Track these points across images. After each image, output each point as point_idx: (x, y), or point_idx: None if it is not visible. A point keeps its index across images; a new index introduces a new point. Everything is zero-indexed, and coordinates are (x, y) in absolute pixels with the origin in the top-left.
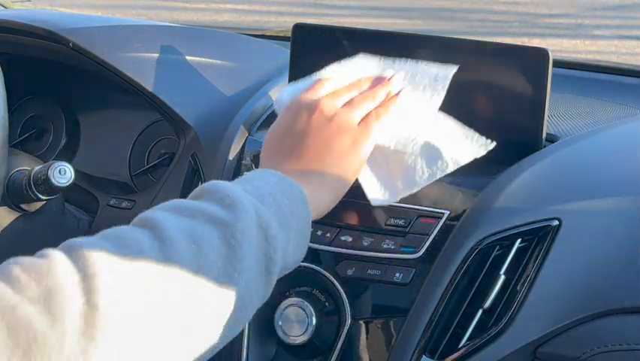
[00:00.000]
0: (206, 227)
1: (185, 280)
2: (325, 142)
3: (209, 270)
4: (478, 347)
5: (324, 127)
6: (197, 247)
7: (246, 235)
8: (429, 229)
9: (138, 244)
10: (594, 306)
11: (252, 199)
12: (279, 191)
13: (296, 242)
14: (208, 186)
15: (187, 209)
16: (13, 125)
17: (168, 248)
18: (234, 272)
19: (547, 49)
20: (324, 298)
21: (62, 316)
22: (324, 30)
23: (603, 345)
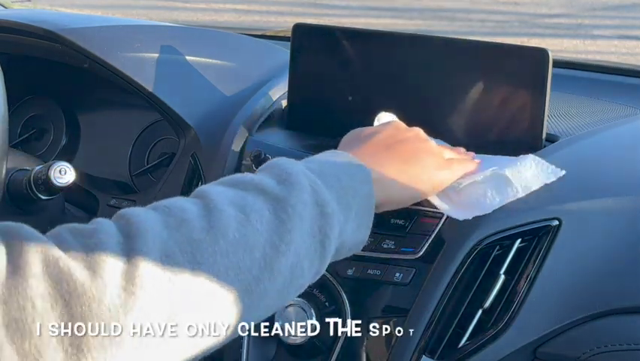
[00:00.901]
0: (258, 199)
1: (227, 246)
2: (413, 153)
3: (255, 239)
4: (478, 347)
5: (418, 143)
6: (245, 216)
7: (297, 210)
8: (429, 229)
9: (184, 212)
10: (594, 306)
11: (311, 176)
12: (344, 172)
13: (356, 223)
14: (270, 162)
15: (242, 182)
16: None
17: (214, 216)
18: (282, 243)
19: (547, 49)
20: (324, 298)
21: (102, 271)
22: (324, 30)
23: (603, 345)
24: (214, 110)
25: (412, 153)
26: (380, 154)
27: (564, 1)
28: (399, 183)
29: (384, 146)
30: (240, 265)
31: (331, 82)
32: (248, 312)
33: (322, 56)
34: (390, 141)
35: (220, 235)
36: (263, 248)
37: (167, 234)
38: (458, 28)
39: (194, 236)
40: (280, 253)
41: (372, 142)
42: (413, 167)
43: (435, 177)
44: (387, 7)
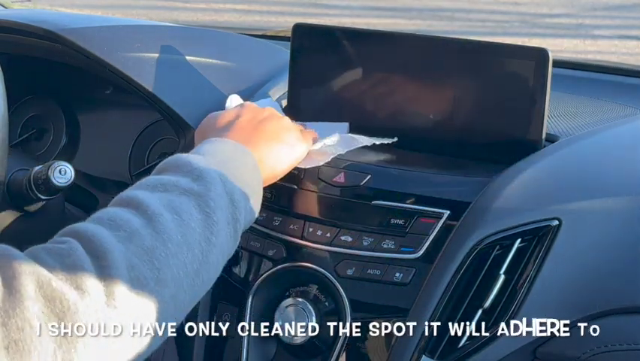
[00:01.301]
0: (182, 199)
1: (174, 246)
2: (277, 131)
3: (192, 236)
4: (478, 347)
5: (277, 120)
6: (179, 217)
7: (217, 202)
8: (429, 229)
9: (130, 223)
10: (594, 306)
11: (216, 169)
12: (234, 158)
13: (252, 203)
14: (171, 160)
15: (161, 185)
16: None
17: (156, 222)
18: (212, 235)
19: (547, 49)
20: (324, 298)
21: (88, 289)
22: (324, 30)
23: (603, 345)
24: (214, 110)
25: (276, 132)
26: (251, 137)
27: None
28: (272, 160)
29: (251, 128)
30: (186, 262)
31: (331, 82)
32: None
33: (322, 56)
34: (254, 123)
35: (167, 238)
36: (199, 244)
37: (124, 248)
38: (458, 28)
39: (147, 245)
40: (212, 245)
41: (239, 126)
42: (280, 144)
43: (296, 150)
44: (387, 7)
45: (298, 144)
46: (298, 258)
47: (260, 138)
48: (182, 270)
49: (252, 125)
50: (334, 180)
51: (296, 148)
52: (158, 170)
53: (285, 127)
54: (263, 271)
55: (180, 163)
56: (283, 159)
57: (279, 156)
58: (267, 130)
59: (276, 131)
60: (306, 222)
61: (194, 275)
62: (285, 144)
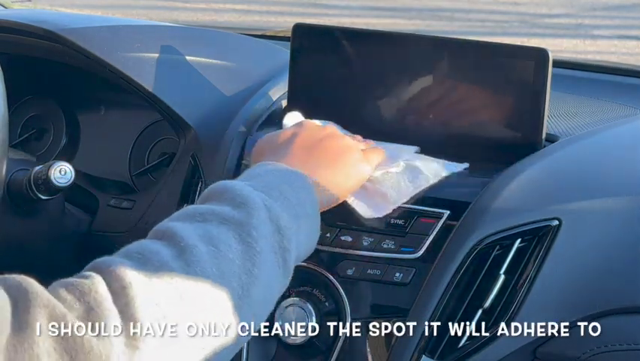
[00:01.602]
0: (221, 228)
1: (208, 282)
2: (336, 153)
3: (230, 269)
4: (478, 347)
5: (336, 140)
6: (215, 248)
7: (260, 231)
8: (429, 229)
9: (159, 255)
10: (594, 306)
11: (261, 194)
12: (284, 182)
13: (307, 230)
14: (216, 187)
15: (199, 214)
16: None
17: (188, 254)
18: (254, 267)
19: (547, 49)
20: (324, 298)
21: (107, 329)
22: (324, 30)
23: (603, 345)
24: (214, 110)
25: (335, 153)
26: (307, 158)
27: (564, 1)
28: (330, 184)
29: (307, 149)
30: (222, 298)
31: (331, 82)
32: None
33: (322, 56)
34: (311, 142)
35: (199, 271)
36: (239, 277)
37: (148, 282)
38: (457, 28)
39: (177, 281)
40: (254, 277)
41: (295, 147)
42: (339, 166)
43: (358, 172)
44: (387, 7)
45: (360, 165)
46: None
47: (317, 159)
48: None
49: (310, 145)
50: None
51: (358, 169)
52: (202, 198)
53: (346, 146)
54: None
55: (223, 190)
56: (343, 182)
57: (338, 179)
58: (325, 150)
59: (335, 152)
60: None
61: (235, 309)
62: (345, 165)
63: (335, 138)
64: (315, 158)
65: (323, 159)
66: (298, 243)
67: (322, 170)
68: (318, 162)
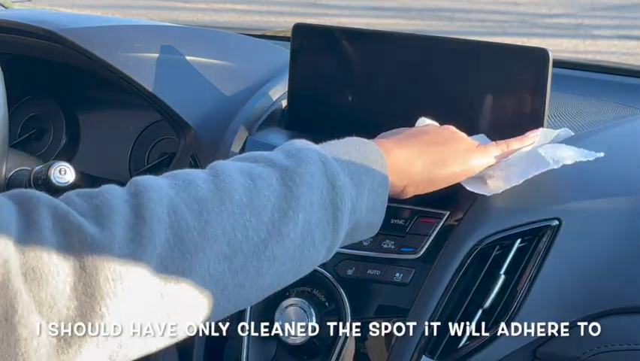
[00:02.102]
0: (266, 170)
1: (233, 207)
2: (442, 138)
3: (261, 202)
4: (478, 347)
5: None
6: (252, 182)
7: (305, 179)
8: (429, 229)
9: (191, 176)
10: (594, 306)
11: (321, 152)
12: (356, 149)
13: (370, 202)
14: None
15: (252, 157)
16: (13, 125)
17: (221, 181)
18: (289, 209)
19: (547, 49)
20: (324, 298)
21: (111, 223)
22: (324, 30)
23: (603, 345)
24: (214, 110)
25: (441, 138)
26: (403, 140)
27: (564, 1)
28: (422, 164)
29: (410, 133)
30: (247, 226)
31: (331, 82)
32: (257, 277)
33: (322, 56)
34: (421, 131)
35: (227, 197)
36: (271, 213)
37: (173, 193)
38: (457, 28)
39: (201, 195)
40: (288, 219)
41: (399, 134)
42: (440, 149)
43: (466, 160)
44: (387, 7)
45: (471, 156)
46: None
47: (414, 140)
48: (241, 232)
49: (414, 133)
50: None
51: (465, 159)
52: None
53: (460, 138)
54: None
55: (288, 144)
56: (438, 166)
57: (431, 161)
58: (429, 136)
59: (441, 137)
60: None
61: (260, 243)
62: (449, 151)
63: (449, 130)
64: (411, 139)
65: (421, 141)
66: (357, 210)
67: (414, 149)
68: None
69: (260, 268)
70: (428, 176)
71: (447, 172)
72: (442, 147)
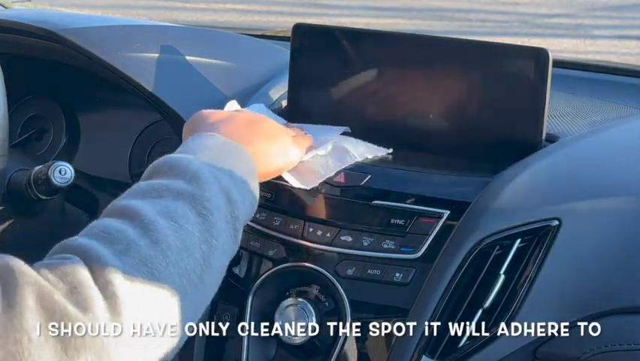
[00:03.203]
0: (177, 203)
1: (174, 254)
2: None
3: (191, 240)
4: (478, 347)
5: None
6: (175, 222)
7: (213, 203)
8: (429, 229)
9: (125, 234)
10: (594, 306)
11: (210, 168)
12: (227, 154)
13: (250, 198)
14: (162, 162)
15: (154, 190)
16: (13, 126)
17: (152, 232)
18: (212, 238)
19: (547, 49)
20: (324, 298)
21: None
22: (324, 30)
23: (603, 345)
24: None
25: (271, 131)
26: (244, 133)
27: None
28: (266, 157)
29: (244, 126)
30: (188, 269)
31: (331, 82)
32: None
33: (322, 56)
34: (247, 121)
35: (166, 247)
36: (200, 248)
37: (121, 263)
38: (457, 28)
39: (145, 255)
40: (213, 248)
41: (232, 123)
42: (274, 143)
43: (290, 153)
44: (387, 7)
45: (291, 149)
46: (298, 258)
47: (253, 135)
48: (185, 277)
49: (246, 124)
50: (334, 180)
51: (289, 153)
52: (148, 173)
53: (280, 130)
54: (263, 271)
55: (172, 164)
56: (275, 160)
57: (271, 156)
58: (260, 129)
59: (270, 132)
60: (306, 223)
61: (198, 281)
62: (278, 146)
63: (268, 121)
64: (250, 134)
65: (260, 135)
66: (245, 210)
67: (257, 145)
68: (252, 138)
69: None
70: (269, 169)
71: (279, 164)
72: (276, 141)
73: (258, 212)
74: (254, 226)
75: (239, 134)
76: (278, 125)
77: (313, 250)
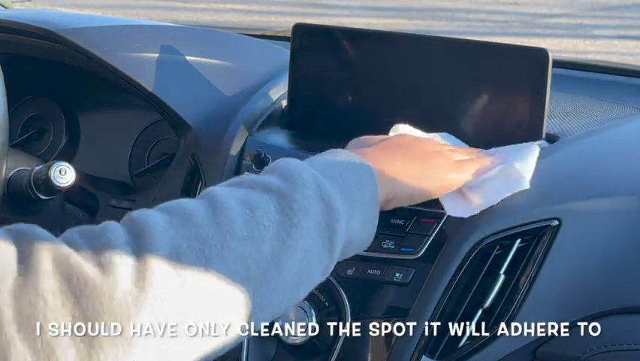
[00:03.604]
0: (263, 196)
1: (234, 241)
2: (422, 153)
3: (261, 233)
4: (478, 347)
5: (430, 145)
6: (251, 212)
7: (303, 205)
8: (429, 229)
9: (189, 209)
10: (594, 306)
11: (314, 172)
12: (346, 166)
13: (362, 217)
14: (275, 163)
15: (247, 182)
16: (13, 126)
17: (220, 213)
18: (288, 238)
19: (547, 49)
20: (324, 298)
21: (113, 268)
22: (324, 30)
23: (603, 345)
24: (214, 110)
25: (421, 153)
26: (386, 152)
27: (564, 1)
28: (405, 179)
29: (393, 146)
30: (248, 259)
31: (331, 82)
32: (257, 309)
33: (322, 56)
34: (401, 143)
35: (227, 230)
36: (270, 243)
37: (174, 231)
38: (457, 28)
39: (201, 232)
40: (287, 248)
41: (380, 144)
42: (420, 164)
43: (445, 177)
44: (387, 7)
45: (449, 172)
46: None
47: (396, 154)
48: (242, 265)
49: (397, 145)
50: None
51: (444, 175)
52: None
53: (437, 152)
54: None
55: (275, 165)
56: (421, 183)
57: (414, 178)
58: (410, 149)
59: (421, 152)
60: None
61: (262, 276)
62: (428, 166)
63: (429, 143)
64: (394, 153)
65: (403, 155)
66: (349, 228)
67: (397, 163)
68: (394, 156)
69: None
70: (409, 191)
71: (426, 188)
72: (422, 161)
73: None
74: None
75: (377, 153)
76: (437, 147)
77: None
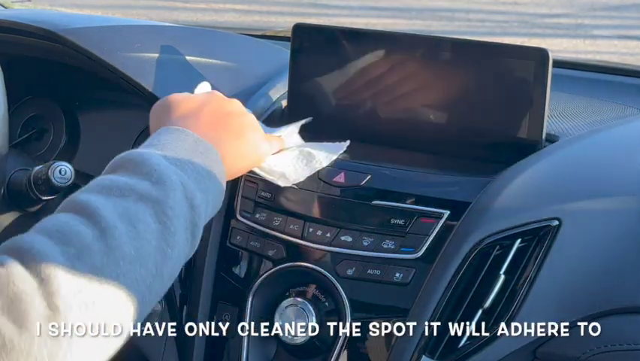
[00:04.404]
0: (139, 206)
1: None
2: (242, 128)
3: (146, 250)
4: (478, 347)
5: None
6: (133, 228)
7: (175, 211)
8: (429, 229)
9: (80, 237)
10: (594, 306)
11: (176, 170)
12: (197, 156)
13: (214, 201)
14: (128, 157)
15: (117, 188)
16: (13, 126)
17: (109, 237)
18: (168, 247)
19: (547, 49)
20: (324, 298)
21: (27, 323)
22: (324, 30)
23: (603, 345)
24: None
25: (241, 128)
26: (215, 128)
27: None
28: (234, 157)
29: (215, 120)
30: (138, 279)
31: (331, 82)
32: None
33: (322, 56)
34: (219, 114)
35: (119, 256)
36: (154, 258)
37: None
38: (457, 28)
39: (97, 263)
40: (168, 258)
41: (202, 116)
42: (244, 142)
43: (260, 151)
44: (387, 7)
45: (263, 144)
46: (298, 258)
47: (224, 132)
48: (134, 288)
49: (217, 118)
50: (334, 180)
51: (260, 147)
52: (112, 167)
53: (251, 124)
54: (263, 271)
55: (137, 161)
56: (244, 159)
57: (240, 156)
58: (232, 125)
59: (241, 127)
60: (306, 223)
61: (147, 291)
62: (249, 141)
63: (241, 114)
64: (222, 130)
65: (230, 132)
66: (206, 217)
67: (229, 142)
68: (225, 135)
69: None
70: (237, 170)
71: (246, 164)
72: (246, 139)
73: (258, 212)
74: (254, 225)
75: (208, 130)
76: (249, 118)
77: (313, 250)
